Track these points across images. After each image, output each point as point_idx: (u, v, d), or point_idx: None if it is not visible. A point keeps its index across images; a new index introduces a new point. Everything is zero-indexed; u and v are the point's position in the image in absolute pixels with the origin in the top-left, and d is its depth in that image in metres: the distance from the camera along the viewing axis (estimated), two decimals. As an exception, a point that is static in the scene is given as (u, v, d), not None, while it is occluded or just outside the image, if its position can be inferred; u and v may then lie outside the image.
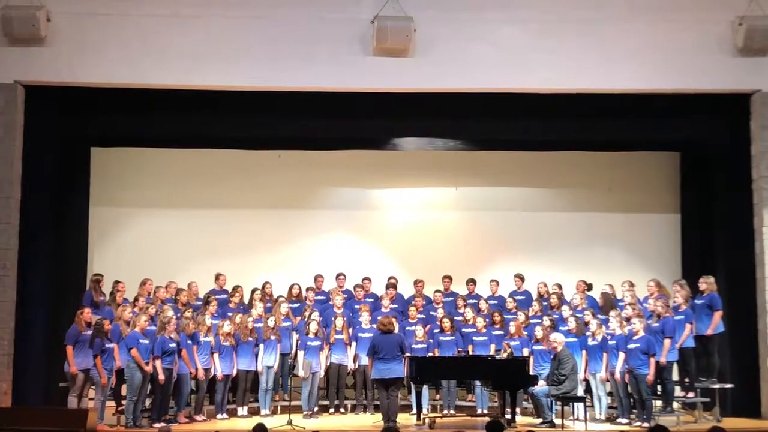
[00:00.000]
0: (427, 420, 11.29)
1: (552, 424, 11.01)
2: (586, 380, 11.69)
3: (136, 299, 12.04)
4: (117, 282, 12.26)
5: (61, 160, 12.17)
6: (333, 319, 12.47)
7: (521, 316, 12.47)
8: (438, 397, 12.49)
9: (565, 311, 12.18)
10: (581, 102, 11.85)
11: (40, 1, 11.14)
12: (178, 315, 11.52)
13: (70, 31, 11.39)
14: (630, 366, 10.93)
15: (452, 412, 12.15)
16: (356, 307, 12.93)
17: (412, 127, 12.50)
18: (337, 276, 13.59)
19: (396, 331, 11.67)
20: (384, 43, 11.32)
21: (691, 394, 11.49)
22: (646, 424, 10.52)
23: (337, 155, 14.08)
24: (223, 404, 11.80)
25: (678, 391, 11.67)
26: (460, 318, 12.71)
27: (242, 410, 11.96)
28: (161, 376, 10.75)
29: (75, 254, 12.76)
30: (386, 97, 11.76)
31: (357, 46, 11.57)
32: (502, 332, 12.43)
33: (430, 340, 12.34)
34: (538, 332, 11.84)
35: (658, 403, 11.35)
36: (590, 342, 11.55)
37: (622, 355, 11.04)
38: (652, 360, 10.82)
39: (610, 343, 11.28)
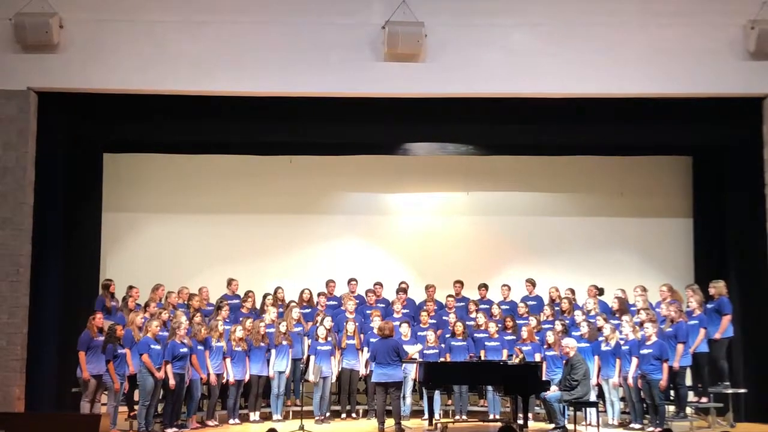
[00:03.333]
0: (439, 425, 11.31)
1: (564, 430, 10.98)
2: (599, 385, 11.66)
3: (147, 304, 12.08)
4: (131, 287, 12.31)
5: (74, 166, 12.19)
6: (345, 324, 12.49)
7: (533, 321, 12.45)
8: (450, 402, 12.50)
9: (578, 316, 12.16)
10: (592, 107, 11.82)
11: (52, 8, 11.20)
12: (189, 320, 11.56)
13: (83, 37, 11.44)
14: (643, 371, 10.89)
15: (464, 417, 12.15)
16: (368, 312, 12.93)
17: (423, 132, 12.48)
18: (349, 281, 13.60)
19: (408, 335, 11.75)
20: (395, 48, 11.33)
21: (704, 399, 11.44)
22: (659, 430, 10.48)
23: (349, 160, 14.10)
24: (235, 409, 11.82)
25: (691, 396, 11.63)
26: (472, 323, 12.71)
27: (254, 415, 11.99)
28: (172, 381, 10.76)
29: (87, 260, 12.77)
30: (397, 103, 11.76)
31: (368, 51, 11.57)
32: (514, 337, 12.41)
33: (442, 345, 12.35)
34: (550, 337, 11.82)
35: (671, 408, 11.33)
36: (603, 347, 11.53)
37: (635, 361, 11.02)
38: (665, 365, 10.79)
39: (623, 348, 11.25)
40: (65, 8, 11.33)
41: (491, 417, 12.04)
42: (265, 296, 12.94)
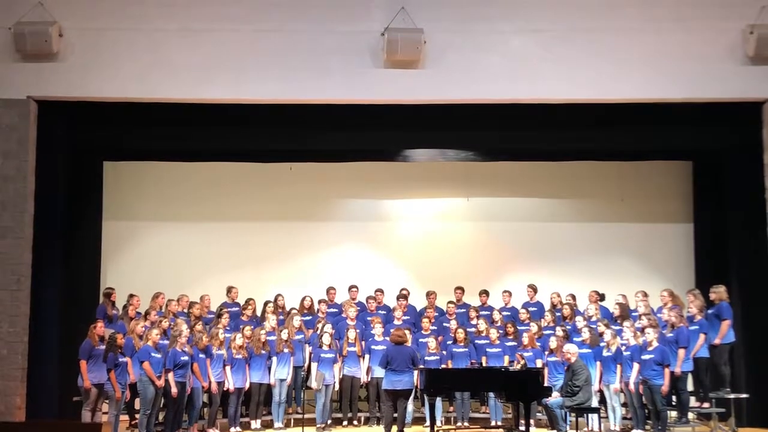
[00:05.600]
0: (440, 432, 11.29)
1: (566, 436, 10.98)
2: (601, 391, 11.65)
3: (147, 313, 12.07)
4: (131, 295, 12.31)
5: (74, 175, 12.22)
6: (346, 331, 12.46)
7: (534, 327, 12.43)
8: (452, 409, 12.49)
9: (579, 322, 12.15)
10: (593, 112, 11.82)
11: (52, 17, 11.21)
12: (190, 328, 11.53)
13: (82, 46, 11.44)
14: (644, 377, 10.88)
15: (466, 424, 12.14)
16: (369, 319, 12.91)
17: (424, 139, 12.49)
18: (350, 288, 13.57)
19: (410, 343, 11.70)
20: (394, 54, 11.32)
21: (706, 405, 11.42)
22: (660, 435, 10.52)
23: (349, 167, 14.08)
24: (236, 417, 11.79)
25: (693, 402, 11.61)
26: (473, 329, 12.69)
27: (255, 423, 11.96)
28: (173, 390, 10.75)
29: (88, 268, 12.79)
30: (397, 109, 11.77)
31: (367, 58, 11.57)
32: (515, 343, 12.40)
33: (443, 352, 12.33)
34: (552, 343, 11.81)
35: (673, 413, 11.31)
36: (604, 353, 11.51)
37: (636, 366, 11.00)
38: (667, 370, 10.77)
39: (624, 353, 11.24)
40: (65, 17, 11.33)
41: (493, 423, 12.04)
42: (265, 304, 12.92)
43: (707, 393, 11.43)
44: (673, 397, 11.27)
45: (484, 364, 12.11)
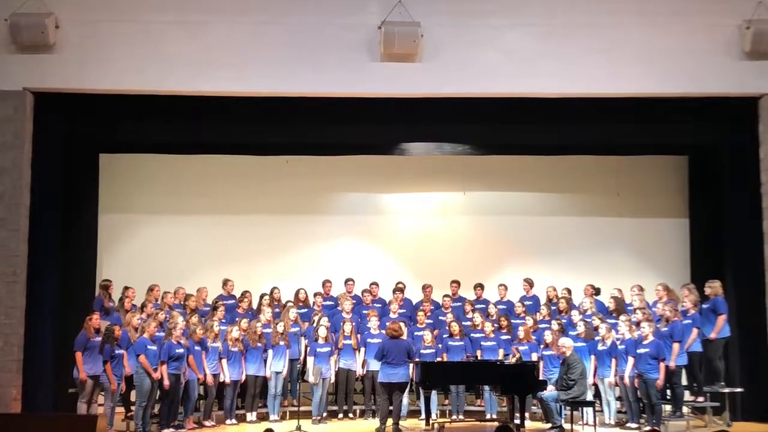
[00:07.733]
0: (436, 425, 11.31)
1: (561, 429, 10.98)
2: (595, 385, 11.67)
3: (143, 305, 12.07)
4: (127, 288, 12.32)
5: (70, 167, 12.19)
6: (341, 324, 12.48)
7: (530, 321, 12.46)
8: (447, 402, 12.50)
9: (575, 316, 12.17)
10: (589, 106, 11.82)
11: (48, 9, 11.19)
12: (186, 320, 11.53)
13: (79, 38, 11.42)
14: (639, 370, 10.90)
15: (461, 417, 12.16)
16: (364, 312, 12.93)
17: (420, 132, 12.48)
18: (346, 281, 13.59)
19: (405, 336, 11.72)
20: (391, 48, 11.32)
21: (700, 399, 11.46)
22: (648, 429, 10.51)
23: (345, 161, 14.09)
24: (232, 410, 11.81)
25: (688, 396, 11.64)
26: (469, 323, 12.71)
27: (251, 416, 11.98)
28: (166, 382, 10.76)
29: (84, 261, 12.78)
30: (394, 103, 11.75)
31: (364, 51, 11.57)
32: (509, 337, 12.42)
33: (439, 345, 12.36)
34: (547, 337, 11.83)
35: (668, 407, 11.33)
36: (599, 347, 11.54)
37: (631, 360, 11.03)
38: (662, 364, 10.80)
39: (619, 347, 11.27)
40: (61, 8, 11.31)
41: (488, 417, 12.06)
42: (261, 296, 12.93)
43: (701, 387, 11.47)
44: (668, 391, 11.29)
45: (479, 358, 12.14)
